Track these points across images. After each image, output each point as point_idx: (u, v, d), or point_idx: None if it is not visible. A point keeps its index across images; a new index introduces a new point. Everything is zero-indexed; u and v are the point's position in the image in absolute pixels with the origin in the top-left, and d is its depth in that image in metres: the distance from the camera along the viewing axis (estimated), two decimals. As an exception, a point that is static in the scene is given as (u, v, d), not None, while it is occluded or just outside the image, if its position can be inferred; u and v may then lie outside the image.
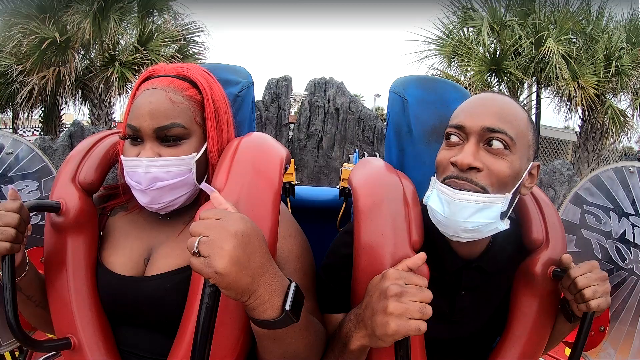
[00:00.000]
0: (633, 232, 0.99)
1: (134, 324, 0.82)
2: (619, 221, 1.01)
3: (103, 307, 0.83)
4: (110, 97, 7.57)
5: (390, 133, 1.09)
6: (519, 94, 7.75)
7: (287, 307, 0.60)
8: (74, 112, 8.48)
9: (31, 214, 0.77)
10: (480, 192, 0.73)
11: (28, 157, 1.08)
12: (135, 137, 0.79)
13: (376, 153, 7.60)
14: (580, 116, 7.68)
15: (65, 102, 8.03)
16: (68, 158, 0.89)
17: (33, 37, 6.88)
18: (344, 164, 1.26)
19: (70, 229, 0.82)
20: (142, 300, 0.79)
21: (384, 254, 0.77)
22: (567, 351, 0.98)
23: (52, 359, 1.23)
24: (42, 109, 7.90)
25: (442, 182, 0.76)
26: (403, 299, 0.64)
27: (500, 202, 0.74)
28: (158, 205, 0.80)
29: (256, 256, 0.60)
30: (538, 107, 8.21)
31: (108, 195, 0.94)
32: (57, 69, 7.11)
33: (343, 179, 1.23)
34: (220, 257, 0.56)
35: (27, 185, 1.08)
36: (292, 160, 1.04)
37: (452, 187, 0.74)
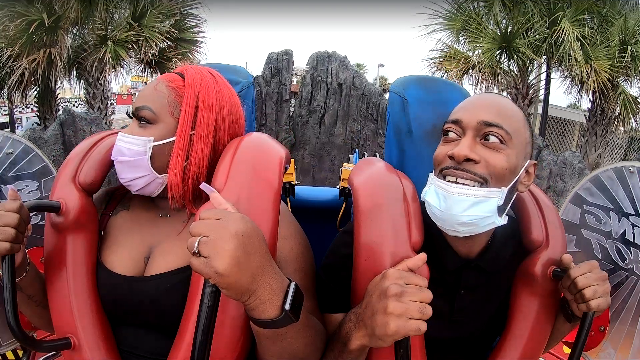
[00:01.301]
0: (633, 232, 1.00)
1: (134, 324, 0.82)
2: (619, 221, 1.01)
3: (103, 307, 0.83)
4: (104, 77, 7.19)
5: (390, 133, 1.09)
6: (528, 72, 7.38)
7: (287, 306, 0.60)
8: (69, 90, 8.11)
9: (31, 214, 0.78)
10: (480, 182, 0.74)
11: (28, 157, 1.09)
12: None
13: (376, 153, 7.58)
14: (590, 99, 7.34)
15: (60, 81, 7.53)
16: (68, 158, 0.89)
17: (20, 20, 6.46)
18: (344, 164, 1.26)
19: (70, 229, 0.82)
20: (142, 300, 0.79)
21: (384, 255, 0.77)
22: (566, 349, 0.98)
23: (53, 359, 1.23)
24: (37, 89, 7.46)
25: (439, 173, 0.77)
26: (403, 299, 0.64)
27: (497, 196, 0.74)
28: (122, 179, 0.84)
29: (256, 256, 0.60)
30: (547, 88, 7.82)
31: (110, 196, 0.94)
32: (48, 50, 6.69)
33: (343, 179, 1.23)
34: (221, 257, 0.55)
35: (27, 185, 1.08)
36: (292, 160, 1.04)
37: (450, 177, 0.75)
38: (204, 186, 0.67)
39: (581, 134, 8.20)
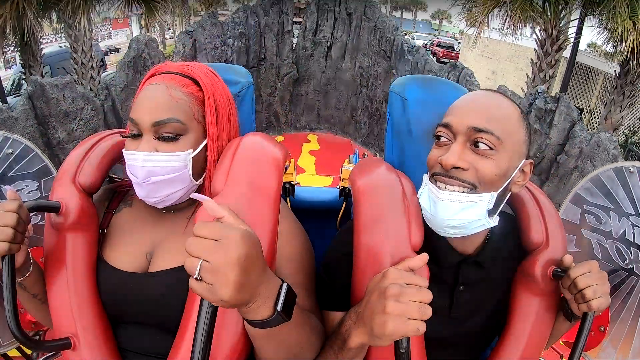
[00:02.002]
0: (633, 232, 1.00)
1: (135, 321, 0.82)
2: (619, 221, 1.01)
3: (104, 304, 0.83)
4: (78, 20, 6.29)
5: (390, 133, 1.09)
6: (562, 15, 6.59)
7: (279, 307, 0.61)
8: (50, 28, 7.14)
9: (31, 214, 0.77)
10: (468, 188, 0.74)
11: (28, 157, 1.09)
12: (135, 131, 0.80)
13: (376, 153, 7.42)
14: (623, 55, 6.52)
15: (38, 26, 6.46)
16: (67, 158, 0.89)
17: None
18: (344, 164, 1.26)
19: (70, 229, 0.82)
20: (144, 296, 0.79)
21: (384, 255, 0.77)
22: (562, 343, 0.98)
23: (53, 359, 1.23)
24: (17, 40, 6.60)
25: (431, 177, 0.78)
26: (402, 299, 0.64)
27: (486, 200, 0.75)
28: (154, 199, 0.81)
29: (255, 273, 0.59)
30: (578, 36, 6.98)
31: (112, 194, 0.95)
32: (15, 1, 5.77)
33: (343, 178, 1.23)
34: (225, 285, 0.54)
35: (27, 185, 1.08)
36: (292, 160, 1.04)
37: (440, 183, 0.75)
38: (195, 196, 0.64)
39: (605, 89, 7.43)
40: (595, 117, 8.46)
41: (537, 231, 0.86)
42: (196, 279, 0.54)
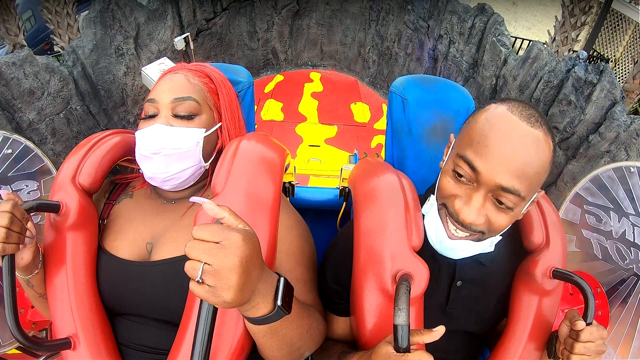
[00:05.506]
0: (633, 232, 1.00)
1: (134, 313, 0.81)
2: (619, 221, 1.01)
3: (104, 295, 0.82)
4: None
5: (390, 133, 1.09)
6: None
7: (279, 302, 0.61)
8: None
9: (31, 214, 0.77)
10: (477, 236, 0.73)
11: (27, 157, 1.09)
12: (153, 111, 0.86)
13: (377, 154, 7.31)
14: None
15: None
16: (68, 158, 0.89)
17: None
18: (344, 165, 1.26)
19: (69, 229, 0.82)
20: (145, 285, 0.79)
21: (383, 255, 0.77)
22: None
23: (53, 358, 1.23)
24: None
25: (442, 205, 0.75)
26: None
27: (494, 241, 0.76)
28: (163, 174, 0.83)
29: (255, 272, 0.59)
30: None
31: (114, 186, 0.96)
32: None
33: (343, 178, 1.23)
34: (227, 288, 0.54)
35: (27, 185, 1.08)
36: (292, 160, 1.04)
37: (451, 226, 0.74)
38: (194, 199, 0.63)
39: (633, 40, 6.75)
40: (619, 68, 7.57)
41: (537, 232, 0.86)
42: (197, 281, 0.54)
